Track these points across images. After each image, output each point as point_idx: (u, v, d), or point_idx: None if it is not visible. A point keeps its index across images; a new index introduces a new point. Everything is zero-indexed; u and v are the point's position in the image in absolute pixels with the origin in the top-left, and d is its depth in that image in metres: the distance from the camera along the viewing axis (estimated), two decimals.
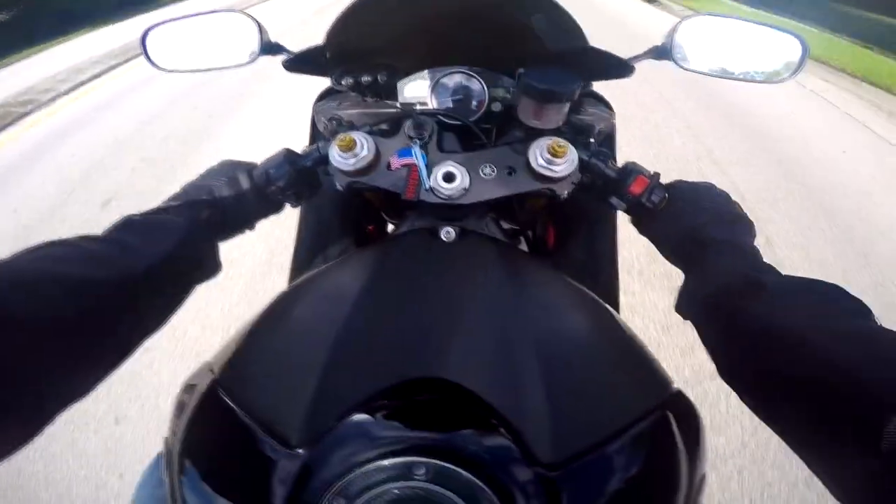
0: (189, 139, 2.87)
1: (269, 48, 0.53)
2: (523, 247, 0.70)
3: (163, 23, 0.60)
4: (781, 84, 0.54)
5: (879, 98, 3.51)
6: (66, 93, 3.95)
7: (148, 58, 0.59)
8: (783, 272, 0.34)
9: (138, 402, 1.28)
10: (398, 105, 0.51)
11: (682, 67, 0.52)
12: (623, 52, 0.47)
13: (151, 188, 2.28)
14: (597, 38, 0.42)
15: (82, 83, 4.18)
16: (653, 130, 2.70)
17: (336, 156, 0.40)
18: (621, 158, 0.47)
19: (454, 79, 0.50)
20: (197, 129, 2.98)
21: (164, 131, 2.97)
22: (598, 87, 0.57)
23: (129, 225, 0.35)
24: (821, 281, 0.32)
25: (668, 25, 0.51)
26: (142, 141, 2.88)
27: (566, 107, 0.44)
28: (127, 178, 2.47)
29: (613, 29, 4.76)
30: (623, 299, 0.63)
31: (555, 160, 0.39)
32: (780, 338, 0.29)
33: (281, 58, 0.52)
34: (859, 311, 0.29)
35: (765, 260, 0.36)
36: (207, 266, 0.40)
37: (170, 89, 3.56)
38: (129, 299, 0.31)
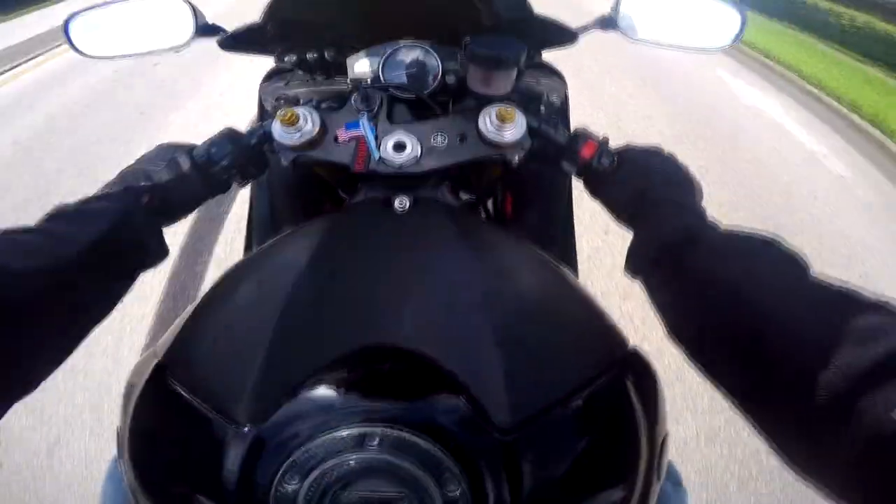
0: None
1: (206, 30, 0.50)
2: (482, 216, 0.70)
3: (88, 9, 0.56)
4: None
5: None
6: None
7: (72, 44, 0.54)
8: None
9: None
10: (348, 82, 0.49)
11: (628, 38, 0.52)
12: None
13: None
14: None
15: None
16: None
17: (279, 131, 0.39)
18: None
19: (406, 52, 0.49)
20: None
21: None
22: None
23: (59, 214, 0.33)
24: (758, 234, 0.32)
25: None
26: None
27: (514, 73, 0.43)
28: None
29: None
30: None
31: (504, 125, 0.40)
32: (717, 292, 0.30)
33: (217, 38, 0.49)
34: (794, 263, 0.30)
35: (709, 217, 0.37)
36: (151, 251, 0.38)
37: None
38: (63, 289, 0.29)
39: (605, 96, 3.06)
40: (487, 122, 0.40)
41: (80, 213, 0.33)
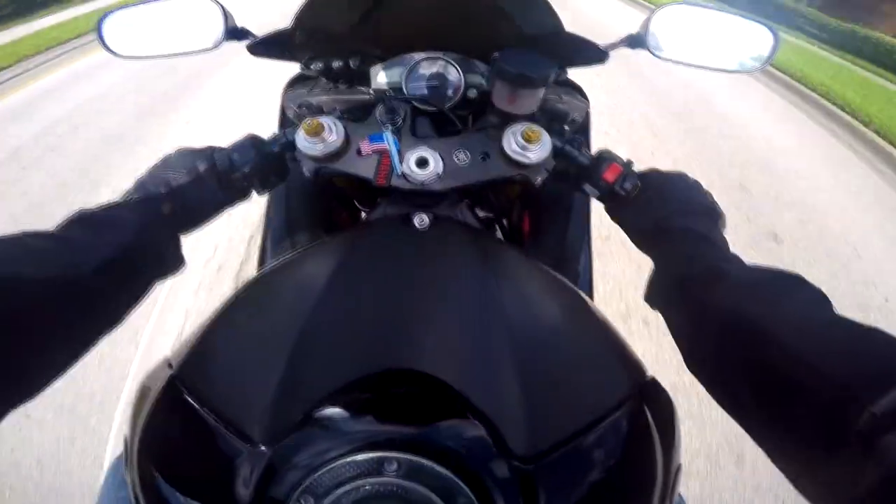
0: None
1: (235, 33, 0.50)
2: (498, 235, 0.70)
3: (121, 8, 0.57)
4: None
5: None
6: None
7: (104, 43, 0.55)
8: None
9: None
10: (371, 92, 0.49)
11: (656, 56, 0.52)
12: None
13: None
14: None
15: None
16: None
17: (303, 140, 0.39)
18: None
19: (429, 65, 0.48)
20: None
21: None
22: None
23: (80, 220, 0.33)
24: (782, 271, 0.32)
25: None
26: None
27: (541, 92, 0.43)
28: None
29: None
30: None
31: (529, 146, 0.39)
32: (741, 329, 0.29)
33: (247, 43, 0.49)
34: (818, 300, 0.29)
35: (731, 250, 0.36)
36: (169, 261, 0.38)
37: None
38: (79, 298, 0.29)
39: None
40: (512, 141, 0.39)
41: (99, 221, 0.33)
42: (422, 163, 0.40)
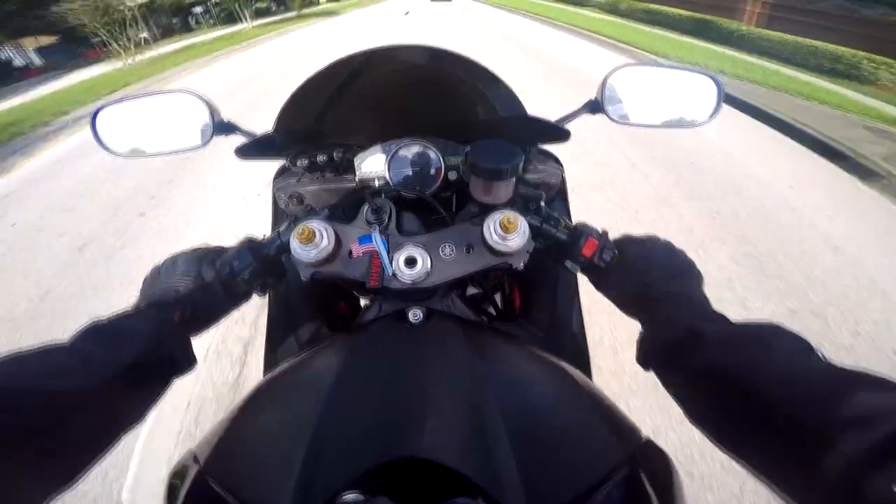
0: None
1: (222, 128, 0.54)
2: (491, 311, 0.72)
3: (113, 103, 0.61)
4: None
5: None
6: None
7: (98, 140, 0.58)
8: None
9: None
10: (356, 180, 0.52)
11: (613, 121, 0.56)
12: None
13: None
14: None
15: None
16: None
17: (297, 248, 0.41)
18: None
19: (409, 150, 0.51)
20: None
21: None
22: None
23: (94, 332, 0.35)
24: (759, 324, 0.34)
25: None
26: None
27: (513, 181, 0.45)
28: None
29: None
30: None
31: (507, 235, 0.41)
32: (725, 385, 0.31)
33: (234, 137, 0.53)
34: (797, 347, 0.31)
35: (712, 305, 0.39)
36: (181, 363, 0.40)
37: None
38: (99, 406, 0.31)
39: None
40: (492, 231, 0.41)
41: (114, 333, 0.36)
42: (410, 262, 0.41)
